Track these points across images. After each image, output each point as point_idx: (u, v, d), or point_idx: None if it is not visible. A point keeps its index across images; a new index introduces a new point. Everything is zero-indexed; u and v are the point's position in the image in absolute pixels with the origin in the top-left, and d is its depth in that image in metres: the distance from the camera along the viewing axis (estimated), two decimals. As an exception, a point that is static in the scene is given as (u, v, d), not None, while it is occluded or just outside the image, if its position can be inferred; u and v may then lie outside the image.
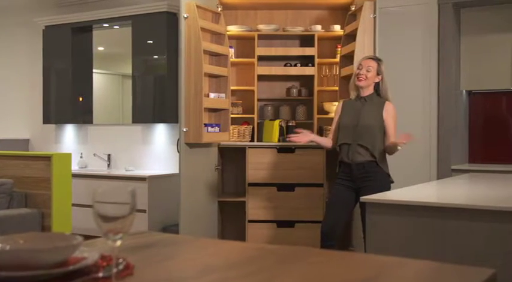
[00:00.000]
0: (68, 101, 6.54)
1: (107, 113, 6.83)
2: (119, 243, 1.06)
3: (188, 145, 4.57)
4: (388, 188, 3.68)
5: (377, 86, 3.85)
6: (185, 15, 4.52)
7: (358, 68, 3.84)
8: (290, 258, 1.35)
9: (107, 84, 7.09)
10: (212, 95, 4.77)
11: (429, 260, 1.27)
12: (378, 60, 3.88)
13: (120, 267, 1.15)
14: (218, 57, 4.94)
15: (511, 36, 5.05)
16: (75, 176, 5.74)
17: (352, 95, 3.90)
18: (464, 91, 5.38)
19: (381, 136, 3.79)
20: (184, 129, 4.52)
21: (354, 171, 3.77)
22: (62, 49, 6.53)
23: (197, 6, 4.57)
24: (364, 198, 2.89)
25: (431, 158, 5.11)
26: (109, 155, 6.45)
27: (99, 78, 6.84)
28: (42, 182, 4.62)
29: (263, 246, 1.46)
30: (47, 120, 6.72)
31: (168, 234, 1.72)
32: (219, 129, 4.79)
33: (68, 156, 4.77)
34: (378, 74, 3.82)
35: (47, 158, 4.61)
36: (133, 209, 1.08)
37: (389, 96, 3.86)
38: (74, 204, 4.71)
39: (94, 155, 6.51)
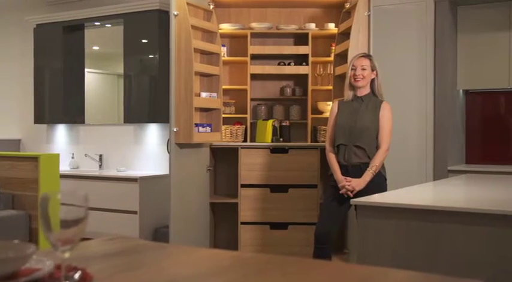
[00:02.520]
0: (59, 101, 6.44)
1: (101, 112, 6.73)
2: (67, 254, 0.96)
3: (178, 145, 4.47)
4: (385, 191, 3.58)
5: (372, 83, 3.76)
6: (175, 13, 4.42)
7: (351, 69, 3.74)
8: (265, 268, 1.25)
9: (102, 84, 6.99)
10: (204, 95, 4.67)
11: (418, 268, 1.18)
12: (368, 56, 3.81)
13: (75, 279, 1.05)
14: (210, 56, 4.84)
15: (508, 34, 4.96)
16: (66, 176, 5.66)
17: (349, 95, 3.79)
18: (461, 90, 5.30)
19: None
20: (175, 129, 4.43)
21: (350, 173, 3.67)
22: (53, 48, 6.43)
23: (188, 4, 4.48)
24: (355, 200, 2.79)
25: (427, 158, 5.02)
26: (101, 156, 6.36)
27: (94, 78, 6.74)
28: (30, 183, 4.53)
29: (238, 255, 1.37)
30: (38, 120, 6.62)
31: (141, 240, 1.63)
32: (211, 129, 4.70)
33: (56, 156, 4.67)
34: (372, 70, 3.74)
35: (35, 159, 4.52)
36: (86, 217, 0.98)
37: (383, 91, 3.78)
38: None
39: (85, 155, 6.42)
